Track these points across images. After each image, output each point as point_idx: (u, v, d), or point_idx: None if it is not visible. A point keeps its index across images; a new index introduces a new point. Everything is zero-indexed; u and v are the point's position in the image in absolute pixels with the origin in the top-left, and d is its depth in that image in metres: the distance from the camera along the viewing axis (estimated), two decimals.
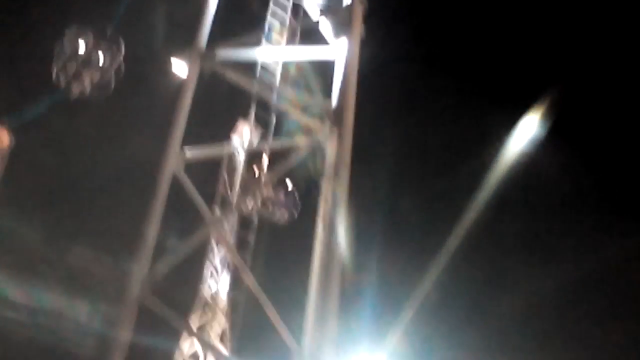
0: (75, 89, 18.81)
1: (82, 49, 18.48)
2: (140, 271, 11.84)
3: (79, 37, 18.56)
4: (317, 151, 12.85)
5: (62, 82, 18.68)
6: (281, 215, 21.64)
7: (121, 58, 18.65)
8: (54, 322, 19.77)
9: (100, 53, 18.53)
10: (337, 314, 10.52)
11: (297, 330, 11.39)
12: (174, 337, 19.63)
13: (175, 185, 13.42)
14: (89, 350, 19.01)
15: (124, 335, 11.43)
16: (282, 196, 21.52)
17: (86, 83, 18.75)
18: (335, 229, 10.91)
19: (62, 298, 20.17)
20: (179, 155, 13.51)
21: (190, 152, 13.79)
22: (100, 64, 18.64)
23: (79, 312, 20.11)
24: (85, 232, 22.12)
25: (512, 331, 23.02)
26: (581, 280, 23.06)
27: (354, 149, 12.17)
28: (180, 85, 14.31)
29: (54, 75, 18.66)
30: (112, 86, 18.76)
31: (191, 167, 13.74)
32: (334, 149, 12.27)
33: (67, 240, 21.18)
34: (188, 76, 14.27)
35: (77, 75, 18.76)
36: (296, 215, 21.55)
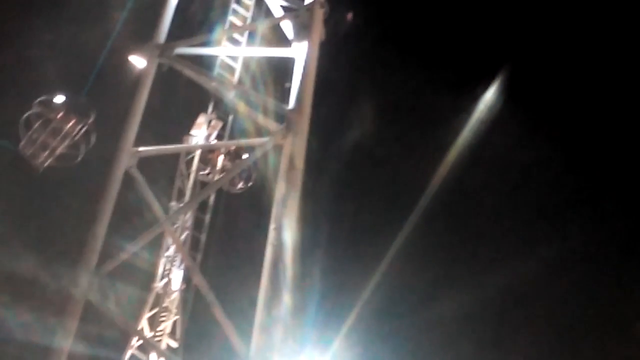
0: (42, 159, 18.44)
1: (51, 119, 18.11)
2: (86, 270, 11.53)
3: (48, 107, 18.19)
4: (272, 152, 12.78)
5: (28, 152, 18.31)
6: (234, 186, 20.93)
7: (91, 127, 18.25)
8: None
9: (69, 124, 18.16)
10: (283, 316, 10.44)
11: (247, 332, 11.28)
12: (123, 339, 19.24)
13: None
14: None
15: (67, 341, 10.98)
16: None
17: (53, 153, 18.42)
18: (285, 231, 10.84)
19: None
20: (133, 152, 13.20)
21: (145, 149, 13.48)
22: (70, 135, 18.32)
23: (19, 321, 19.17)
24: (32, 237, 21.28)
25: (454, 335, 23.32)
26: (522, 285, 23.47)
27: (309, 152, 12.13)
28: (137, 79, 14.08)
29: (20, 145, 18.27)
30: (80, 156, 18.41)
31: (149, 162, 13.48)
32: (288, 151, 12.22)
33: (12, 245, 20.27)
34: (145, 70, 13.98)
35: (44, 146, 18.40)
36: (250, 184, 20.84)
